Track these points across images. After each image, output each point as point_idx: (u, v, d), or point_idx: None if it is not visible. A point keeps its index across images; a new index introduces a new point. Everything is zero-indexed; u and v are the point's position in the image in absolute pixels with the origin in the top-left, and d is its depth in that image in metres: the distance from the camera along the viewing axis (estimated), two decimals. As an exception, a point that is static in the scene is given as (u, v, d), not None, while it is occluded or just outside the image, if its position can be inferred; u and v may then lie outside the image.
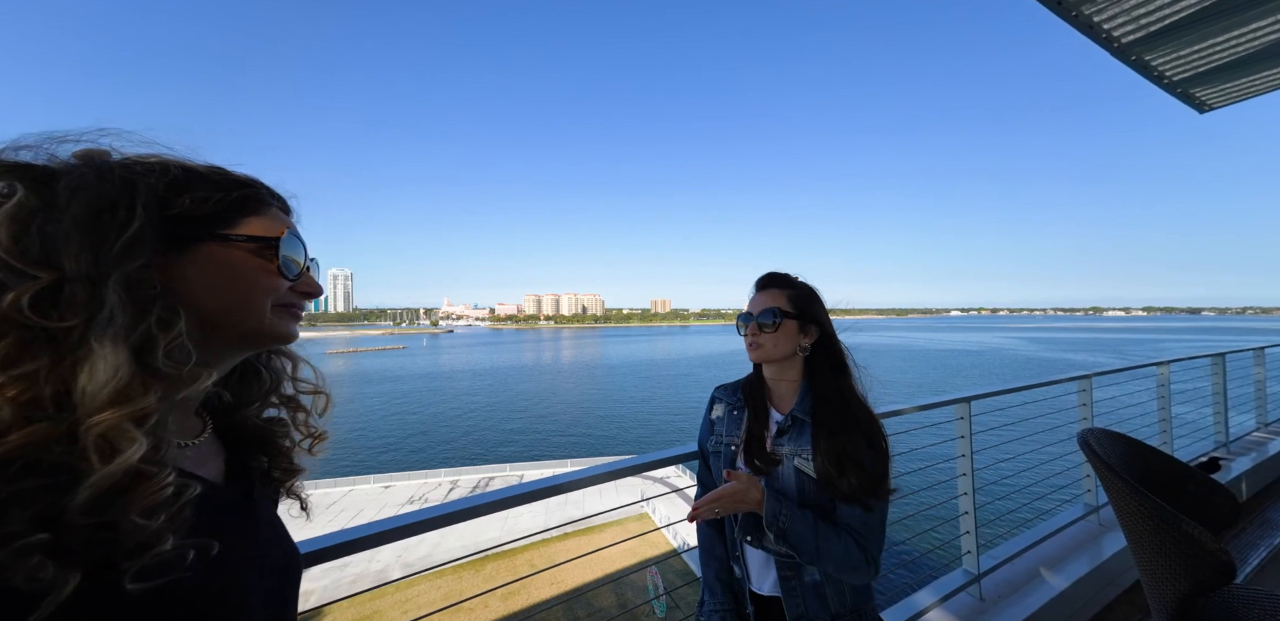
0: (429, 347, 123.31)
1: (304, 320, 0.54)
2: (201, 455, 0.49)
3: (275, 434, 0.58)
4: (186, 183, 0.44)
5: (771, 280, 1.07)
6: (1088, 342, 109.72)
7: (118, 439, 0.33)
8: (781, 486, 0.96)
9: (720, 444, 1.07)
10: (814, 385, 1.00)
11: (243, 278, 0.46)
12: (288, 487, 0.60)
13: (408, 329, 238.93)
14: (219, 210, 0.45)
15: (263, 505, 0.53)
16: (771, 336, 1.00)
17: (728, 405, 1.11)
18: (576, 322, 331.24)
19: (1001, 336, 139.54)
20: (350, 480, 22.27)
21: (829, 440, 0.93)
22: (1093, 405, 2.46)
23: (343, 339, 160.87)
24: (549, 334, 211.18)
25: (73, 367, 0.33)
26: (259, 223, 0.48)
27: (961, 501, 1.87)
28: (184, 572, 0.36)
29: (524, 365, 79.40)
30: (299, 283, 0.51)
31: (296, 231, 0.51)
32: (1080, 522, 2.30)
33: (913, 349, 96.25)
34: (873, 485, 0.90)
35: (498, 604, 12.48)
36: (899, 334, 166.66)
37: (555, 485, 1.00)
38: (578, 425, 35.28)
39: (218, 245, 0.45)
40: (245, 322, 0.46)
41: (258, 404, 0.57)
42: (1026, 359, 72.84)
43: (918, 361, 72.75)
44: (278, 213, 0.51)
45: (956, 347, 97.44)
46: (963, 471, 1.87)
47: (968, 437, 1.88)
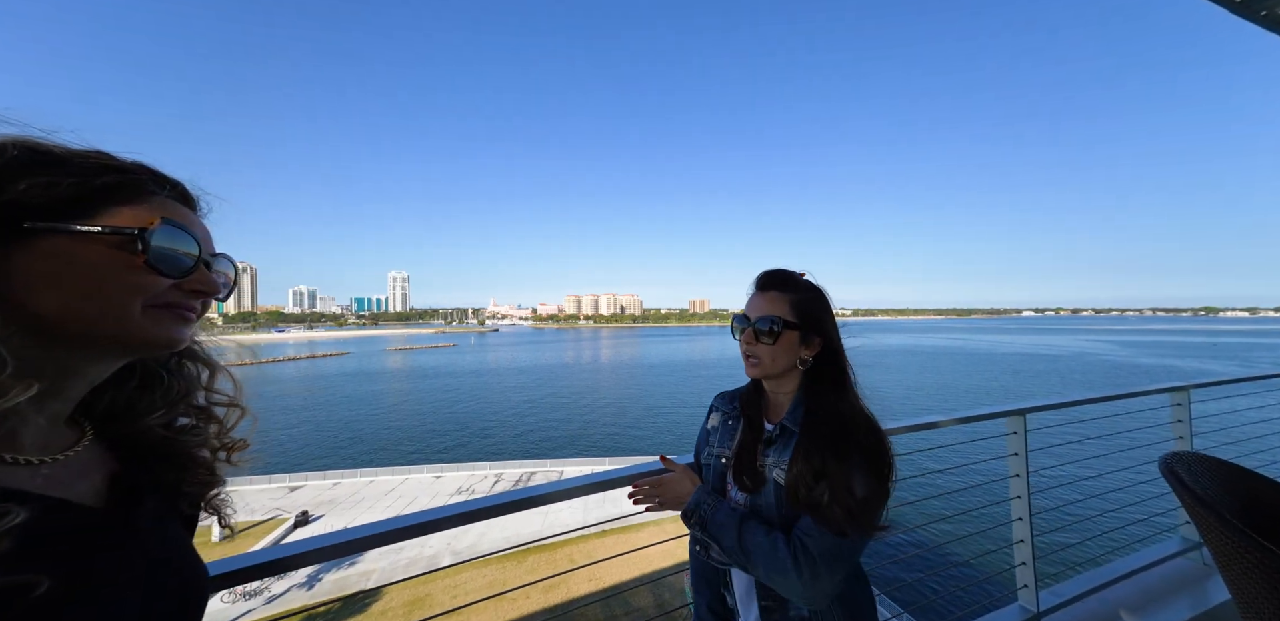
0: (476, 346, 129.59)
1: (365, 320, 0.44)
2: (71, 471, 0.42)
3: (187, 444, 0.51)
4: (26, 166, 0.37)
5: (772, 280, 0.93)
6: (1199, 348, 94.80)
7: None
8: (763, 501, 0.87)
9: (712, 456, 1.00)
10: (809, 397, 0.90)
11: (95, 275, 0.38)
12: (206, 501, 0.54)
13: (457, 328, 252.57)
14: (69, 198, 0.38)
15: (147, 527, 0.45)
16: (769, 349, 0.89)
17: (723, 415, 1.03)
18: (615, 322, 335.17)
19: (1085, 339, 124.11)
20: (405, 469, 23.91)
21: (808, 454, 0.82)
22: (1190, 422, 2.10)
23: (400, 337, 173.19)
24: (588, 333, 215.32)
25: None
26: (130, 213, 0.40)
27: (1016, 528, 1.67)
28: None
29: (565, 363, 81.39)
30: (187, 280, 0.43)
31: (182, 222, 0.43)
32: (1177, 560, 1.97)
33: (974, 352, 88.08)
34: (858, 512, 0.77)
35: (539, 595, 12.87)
36: (959, 336, 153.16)
37: (533, 496, 0.98)
38: (616, 423, 35.66)
39: (64, 238, 0.37)
40: (101, 327, 0.39)
41: (161, 412, 0.50)
42: (1115, 365, 64.11)
43: (978, 366, 66.39)
44: (165, 202, 0.44)
45: (1026, 351, 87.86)
46: (1016, 494, 1.67)
47: (1022, 455, 1.67)
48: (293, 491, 21.68)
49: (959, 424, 1.52)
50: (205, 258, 0.46)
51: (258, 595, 13.66)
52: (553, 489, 1.00)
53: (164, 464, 0.50)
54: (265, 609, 13.06)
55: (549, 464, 24.50)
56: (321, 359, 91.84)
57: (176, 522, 0.51)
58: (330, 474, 23.39)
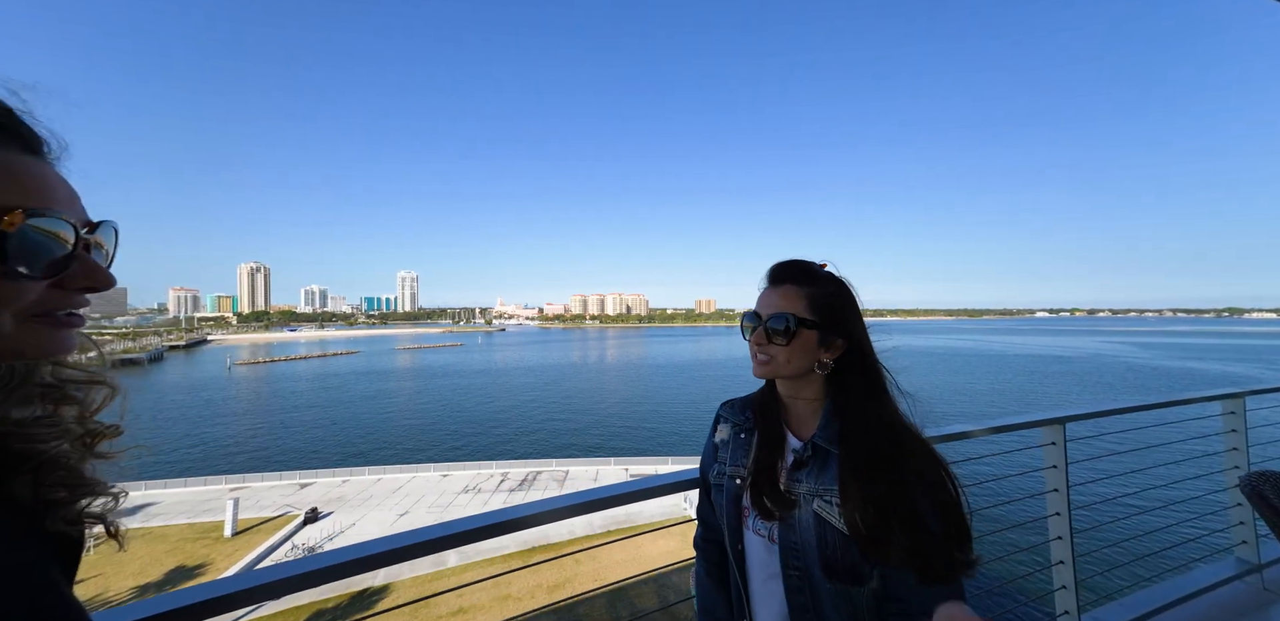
0: (483, 345, 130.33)
1: (375, 319, 0.32)
2: None
3: (34, 438, 0.38)
4: None
5: (788, 273, 0.79)
6: (1224, 349, 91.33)
7: None
8: (798, 538, 0.72)
9: (723, 475, 0.84)
10: (840, 407, 0.76)
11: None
12: (81, 511, 0.40)
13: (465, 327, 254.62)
14: None
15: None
16: (783, 349, 0.76)
17: (734, 426, 0.87)
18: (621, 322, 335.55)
19: (1101, 340, 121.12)
20: (413, 467, 24.07)
21: (865, 483, 0.67)
22: (1246, 433, 1.92)
23: (409, 336, 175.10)
24: (594, 333, 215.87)
25: None
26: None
27: (1055, 547, 1.52)
28: None
29: (571, 363, 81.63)
30: (65, 276, 0.34)
31: (49, 201, 0.32)
32: (1234, 584, 1.81)
33: (986, 353, 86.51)
34: (946, 551, 0.63)
35: (544, 595, 12.85)
36: (971, 337, 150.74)
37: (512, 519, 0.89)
38: (622, 423, 35.61)
39: None
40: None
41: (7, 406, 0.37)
42: (1136, 367, 62.42)
43: (991, 367, 65.09)
44: (15, 166, 0.32)
45: (1041, 352, 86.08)
46: (1055, 510, 1.53)
47: (1062, 468, 1.53)
48: (303, 488, 21.94)
49: (991, 434, 1.40)
50: (83, 238, 0.34)
51: (267, 591, 13.82)
52: (535, 510, 0.91)
53: (10, 470, 0.37)
54: (274, 604, 13.19)
55: (554, 463, 24.51)
56: (332, 357, 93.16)
57: (39, 553, 0.36)
58: (340, 471, 23.63)
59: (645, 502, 17.94)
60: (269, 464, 26.27)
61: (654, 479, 1.05)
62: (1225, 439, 1.95)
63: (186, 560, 15.60)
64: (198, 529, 17.69)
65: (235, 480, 22.73)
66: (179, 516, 18.73)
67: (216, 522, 17.92)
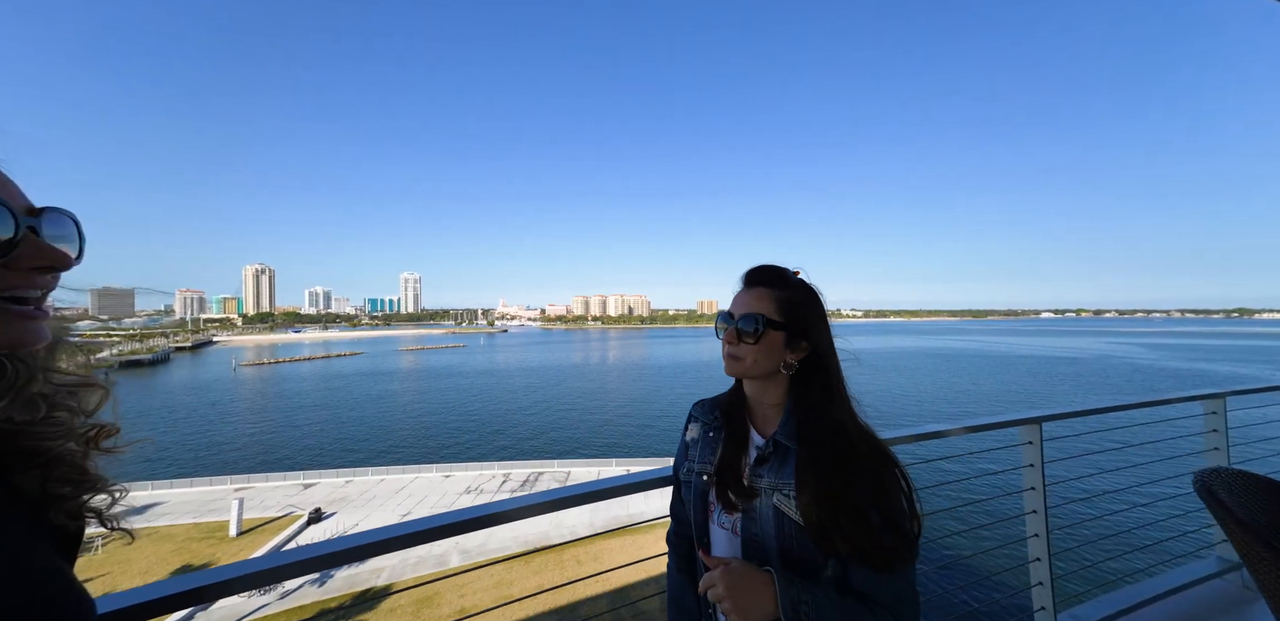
0: (485, 346, 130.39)
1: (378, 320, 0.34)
2: None
3: (41, 436, 0.41)
4: None
5: (760, 277, 0.85)
6: (1234, 350, 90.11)
7: None
8: (758, 529, 0.78)
9: (692, 472, 0.89)
10: (800, 407, 0.81)
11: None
12: (82, 505, 0.44)
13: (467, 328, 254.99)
14: None
15: (5, 555, 0.36)
16: (751, 348, 0.81)
17: (703, 425, 0.92)
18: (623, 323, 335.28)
19: (1107, 341, 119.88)
20: (416, 468, 24.14)
21: (819, 478, 0.73)
22: (1227, 433, 1.96)
23: (412, 337, 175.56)
24: (596, 334, 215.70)
25: None
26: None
27: (1031, 545, 1.56)
28: None
29: (574, 364, 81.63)
30: (15, 258, 0.33)
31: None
32: (1214, 582, 1.84)
33: (989, 354, 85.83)
34: (890, 542, 0.69)
35: (547, 596, 12.88)
36: (974, 337, 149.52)
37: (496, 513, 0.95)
38: (625, 424, 35.60)
39: None
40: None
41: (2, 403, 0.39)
42: (1143, 369, 61.64)
43: (994, 369, 64.53)
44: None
45: (1045, 353, 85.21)
46: (1032, 508, 1.56)
47: (1038, 467, 1.56)
48: (306, 488, 22.08)
49: (968, 433, 1.43)
50: (27, 222, 0.35)
51: (272, 590, 13.91)
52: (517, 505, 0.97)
53: (18, 469, 0.40)
54: (280, 604, 13.29)
55: (556, 464, 24.55)
56: (336, 358, 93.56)
57: (38, 545, 0.40)
58: (343, 471, 23.75)
59: (647, 503, 17.91)
60: (273, 464, 26.44)
61: (629, 477, 1.10)
62: (1206, 439, 1.98)
63: (192, 559, 15.74)
64: (203, 528, 17.84)
65: (240, 480, 22.89)
66: (184, 516, 18.89)
67: (221, 522, 18.07)
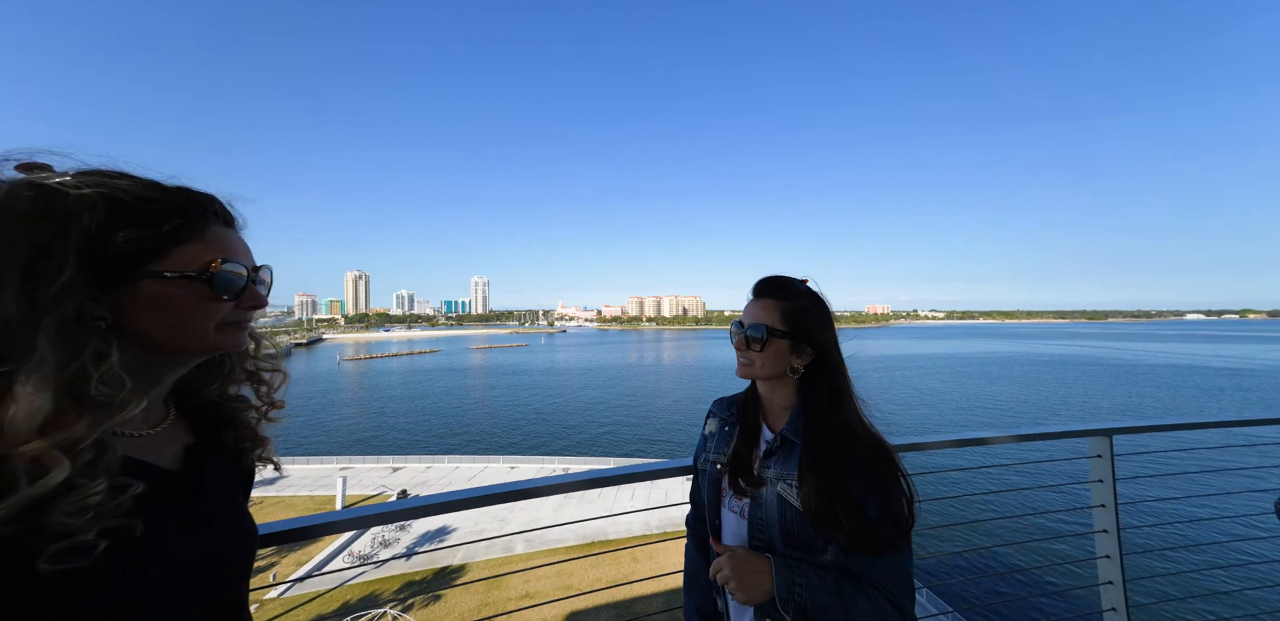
0: (546, 346, 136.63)
1: (452, 320, 0.59)
2: (161, 440, 0.56)
3: (236, 409, 0.65)
4: (119, 219, 0.46)
5: (766, 288, 0.93)
6: None
7: (46, 463, 0.38)
8: (764, 514, 0.87)
9: (708, 461, 1.00)
10: (807, 406, 0.89)
11: (179, 309, 0.49)
12: (258, 456, 0.68)
13: (529, 328, 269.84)
14: (148, 248, 0.47)
15: (213, 486, 0.58)
16: (759, 355, 0.89)
17: (720, 421, 1.03)
18: (677, 324, 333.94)
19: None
20: (485, 458, 26.13)
21: (818, 473, 0.80)
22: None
23: (481, 336, 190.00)
24: (650, 335, 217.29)
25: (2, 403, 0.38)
26: (192, 250, 0.50)
27: (1102, 566, 1.39)
28: (101, 554, 0.41)
29: (629, 364, 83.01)
30: (242, 300, 0.55)
31: (232, 253, 0.53)
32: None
33: (1110, 362, 72.55)
34: (885, 530, 0.77)
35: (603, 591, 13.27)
36: (1090, 342, 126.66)
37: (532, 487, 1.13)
38: (679, 422, 35.55)
39: (151, 281, 0.48)
40: (188, 347, 0.52)
41: (217, 384, 0.63)
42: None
43: (1116, 378, 54.75)
44: (215, 233, 0.53)
45: (1191, 362, 69.81)
46: (1103, 526, 1.40)
47: (1109, 483, 1.40)
48: (394, 472, 24.81)
49: (1027, 441, 1.33)
50: (252, 276, 0.56)
51: (369, 558, 15.85)
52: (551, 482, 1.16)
53: (222, 429, 0.64)
54: (374, 573, 15.11)
55: (612, 461, 25.15)
56: (418, 355, 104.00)
57: (235, 482, 0.64)
58: (424, 458, 26.37)
59: (702, 507, 18.09)
60: (368, 448, 30.05)
61: (655, 464, 1.26)
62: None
63: (308, 526, 18.41)
64: (316, 500, 20.80)
65: (343, 461, 26.33)
66: (302, 489, 22.15)
67: (329, 496, 20.92)
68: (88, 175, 0.48)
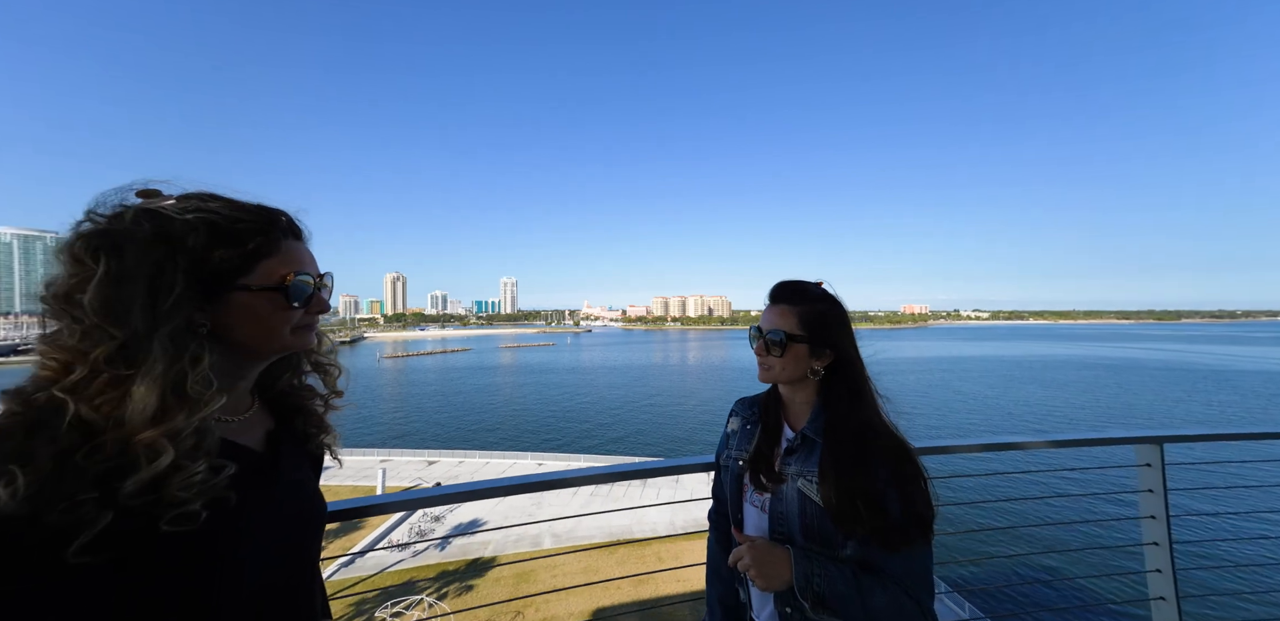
0: (572, 345, 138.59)
1: (483, 320, 0.69)
2: (248, 425, 0.67)
3: (304, 398, 0.76)
4: (215, 240, 0.56)
5: (782, 293, 0.95)
6: None
7: (157, 448, 0.48)
8: (784, 508, 0.89)
9: (730, 458, 1.04)
10: (827, 406, 0.91)
11: (263, 316, 0.60)
12: (323, 440, 0.79)
13: (556, 328, 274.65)
14: (238, 264, 0.57)
15: (288, 465, 0.69)
16: (779, 359, 0.92)
17: (742, 419, 1.07)
18: (702, 324, 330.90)
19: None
20: (514, 455, 26.88)
21: (838, 471, 0.83)
22: None
23: (510, 336, 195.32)
24: (675, 335, 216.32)
25: (124, 399, 0.48)
26: (272, 264, 0.60)
27: (1153, 580, 1.31)
28: (205, 520, 0.51)
29: (654, 364, 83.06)
30: (310, 306, 0.65)
31: (303, 265, 0.63)
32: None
33: (1190, 368, 65.47)
34: (904, 526, 0.78)
35: (629, 588, 13.39)
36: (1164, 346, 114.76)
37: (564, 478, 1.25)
38: (705, 422, 35.26)
39: (240, 293, 0.58)
40: (268, 348, 0.64)
41: (288, 375, 0.75)
42: None
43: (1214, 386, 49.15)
44: (288, 247, 0.62)
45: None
46: (1153, 539, 1.32)
47: (1159, 493, 1.33)
48: (430, 465, 25.91)
49: (1053, 447, 1.28)
50: (317, 284, 0.66)
51: (406, 548, 16.66)
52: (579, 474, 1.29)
53: (294, 415, 0.75)
54: (412, 560, 15.85)
55: (637, 461, 25.25)
56: (451, 353, 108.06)
57: (306, 464, 0.76)
58: (457, 453, 27.42)
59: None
60: (405, 441, 31.54)
61: (678, 460, 1.33)
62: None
63: (352, 514, 19.52)
64: (359, 490, 22.04)
65: (383, 453, 27.75)
66: (346, 479, 23.52)
67: (370, 487, 22.12)
68: (188, 199, 0.57)
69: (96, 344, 0.48)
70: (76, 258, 0.51)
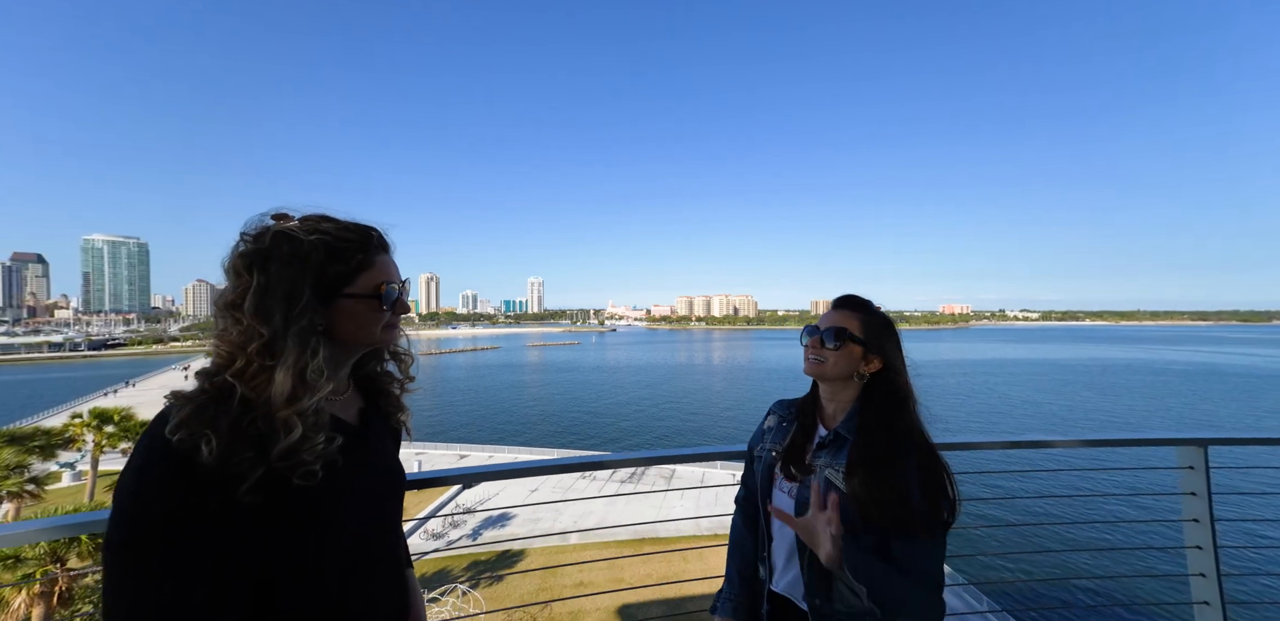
0: (597, 344, 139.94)
1: (511, 319, 0.82)
2: (347, 404, 0.83)
3: (386, 382, 0.92)
4: (330, 257, 0.71)
5: (848, 302, 1.06)
6: None
7: (290, 424, 0.64)
8: (810, 496, 0.95)
9: (764, 450, 1.13)
10: (864, 409, 0.99)
11: (361, 318, 0.75)
12: (399, 419, 0.94)
13: (581, 327, 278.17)
14: (346, 275, 0.73)
15: (376, 436, 0.84)
16: (832, 353, 1.00)
17: (779, 417, 1.16)
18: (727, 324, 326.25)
19: None
20: (541, 451, 27.52)
21: (866, 468, 0.90)
22: None
23: (536, 334, 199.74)
24: (700, 334, 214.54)
25: (269, 383, 0.65)
26: (369, 276, 0.75)
27: (1196, 584, 1.29)
28: (320, 480, 0.67)
29: (679, 363, 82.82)
30: (396, 309, 0.80)
31: (391, 275, 0.78)
32: None
33: (1268, 372, 59.27)
34: (924, 520, 0.85)
35: (653, 586, 13.46)
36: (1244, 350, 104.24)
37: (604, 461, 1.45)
38: (736, 423, 34.90)
39: (346, 300, 0.73)
40: (364, 343, 0.79)
41: (374, 362, 0.91)
42: None
43: None
44: (380, 260, 0.77)
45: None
46: (1195, 542, 1.30)
47: (1203, 496, 1.30)
48: (461, 459, 26.93)
49: (1087, 447, 1.29)
50: (401, 290, 0.80)
51: (441, 537, 17.42)
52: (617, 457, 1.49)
53: (379, 397, 0.90)
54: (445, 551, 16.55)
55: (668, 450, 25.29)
56: (481, 352, 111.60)
57: (389, 436, 0.91)
58: (486, 448, 28.40)
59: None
60: (440, 435, 32.91)
61: (712, 447, 1.45)
62: None
63: (391, 503, 20.52)
64: (397, 481, 23.18)
65: (418, 447, 29.05)
66: (386, 469, 24.86)
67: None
68: (308, 220, 0.73)
69: (250, 340, 0.64)
70: (238, 271, 0.68)
